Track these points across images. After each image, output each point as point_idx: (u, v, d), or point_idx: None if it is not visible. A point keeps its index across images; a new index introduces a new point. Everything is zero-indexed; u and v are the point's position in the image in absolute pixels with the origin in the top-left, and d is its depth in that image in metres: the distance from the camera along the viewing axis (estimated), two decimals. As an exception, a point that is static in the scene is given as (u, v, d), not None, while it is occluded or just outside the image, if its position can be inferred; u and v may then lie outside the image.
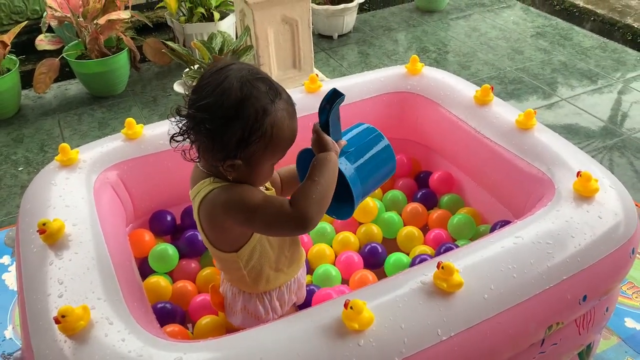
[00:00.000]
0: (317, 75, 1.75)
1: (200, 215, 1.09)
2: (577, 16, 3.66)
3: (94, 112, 2.85)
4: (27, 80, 2.89)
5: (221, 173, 1.05)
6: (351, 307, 0.98)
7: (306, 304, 1.39)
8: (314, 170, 1.05)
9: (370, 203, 1.69)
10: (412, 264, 1.52)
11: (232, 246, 1.12)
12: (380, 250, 1.59)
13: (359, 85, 1.78)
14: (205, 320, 1.38)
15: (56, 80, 3.06)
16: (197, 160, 1.08)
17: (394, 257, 1.57)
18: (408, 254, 1.61)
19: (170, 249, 1.54)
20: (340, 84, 1.82)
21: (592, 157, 2.30)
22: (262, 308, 1.20)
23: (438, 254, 1.51)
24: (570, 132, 2.55)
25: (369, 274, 1.52)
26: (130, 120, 1.53)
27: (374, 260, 1.58)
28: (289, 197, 1.05)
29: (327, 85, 1.77)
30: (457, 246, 1.53)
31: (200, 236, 1.16)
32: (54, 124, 2.77)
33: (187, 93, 1.05)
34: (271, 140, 1.01)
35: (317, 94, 1.72)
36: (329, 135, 1.09)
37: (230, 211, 1.04)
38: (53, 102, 2.95)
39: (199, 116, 0.98)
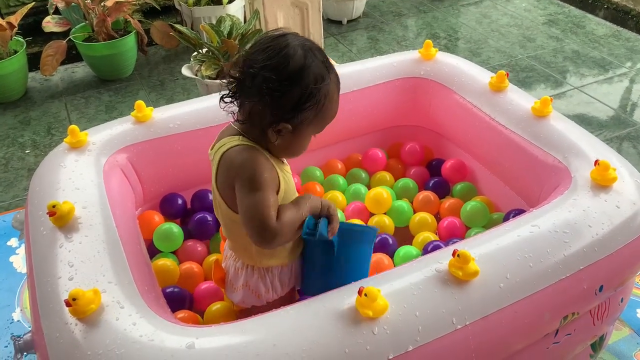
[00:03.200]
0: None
1: (219, 169, 1.10)
2: (590, 3, 3.60)
3: (101, 95, 2.83)
4: (34, 62, 2.87)
5: (260, 137, 1.06)
6: (365, 295, 0.97)
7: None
8: (302, 205, 1.10)
9: (384, 194, 1.66)
10: (425, 251, 1.50)
11: None
12: (391, 241, 1.56)
13: (370, 70, 1.76)
14: (216, 306, 1.37)
15: (63, 63, 3.04)
16: (243, 121, 1.07)
17: (403, 250, 1.54)
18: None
19: (175, 228, 1.53)
20: (352, 68, 1.79)
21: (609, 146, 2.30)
22: (262, 285, 1.19)
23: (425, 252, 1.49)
24: (582, 121, 2.52)
25: (385, 258, 1.50)
26: (140, 102, 1.51)
27: (385, 252, 1.56)
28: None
29: (338, 70, 1.73)
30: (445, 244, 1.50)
31: (213, 195, 1.15)
32: (61, 106, 2.75)
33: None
34: (321, 110, 1.05)
35: (329, 78, 1.69)
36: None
37: (238, 172, 1.06)
38: (60, 85, 2.93)
39: (263, 75, 1.00)
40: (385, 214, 1.68)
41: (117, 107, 2.72)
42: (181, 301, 1.37)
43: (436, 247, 1.46)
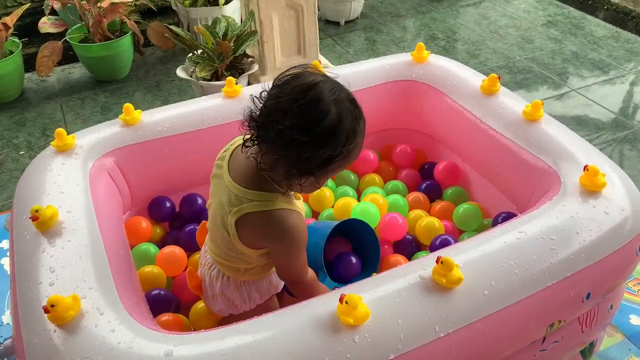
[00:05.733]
0: (320, 62, 1.71)
1: (245, 219, 1.05)
2: (590, 5, 3.58)
3: (96, 96, 2.82)
4: (30, 63, 2.86)
5: (281, 178, 1.02)
6: (346, 302, 0.96)
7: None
8: (322, 288, 1.23)
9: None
10: (432, 246, 1.50)
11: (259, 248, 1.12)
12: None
13: (362, 72, 1.74)
14: (201, 305, 1.36)
15: (60, 64, 3.05)
16: (268, 169, 1.01)
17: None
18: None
19: (153, 248, 1.52)
20: (344, 70, 1.78)
21: (602, 149, 2.29)
22: (239, 296, 1.19)
23: (433, 246, 1.48)
24: (580, 123, 2.50)
25: (401, 259, 1.51)
26: (128, 105, 1.51)
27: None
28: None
29: (329, 73, 1.72)
30: (454, 239, 1.50)
31: (217, 215, 1.11)
32: (57, 107, 2.75)
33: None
34: (348, 159, 1.02)
35: (320, 81, 1.68)
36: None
37: (277, 239, 1.07)
38: (56, 86, 2.93)
39: (292, 135, 0.93)
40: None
41: (112, 109, 2.71)
42: (166, 304, 1.36)
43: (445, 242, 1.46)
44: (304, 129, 0.94)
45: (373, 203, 1.58)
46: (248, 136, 1.03)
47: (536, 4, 3.66)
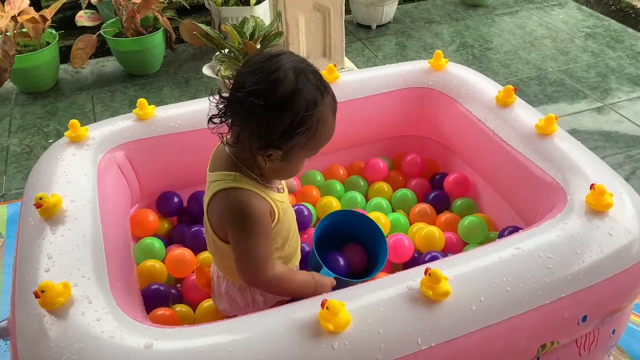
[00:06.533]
0: (335, 65, 1.71)
1: (211, 203, 1.08)
2: (633, 17, 3.47)
3: (126, 89, 2.89)
4: (66, 55, 2.96)
5: (251, 161, 1.03)
6: (327, 308, 0.95)
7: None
8: (305, 283, 1.15)
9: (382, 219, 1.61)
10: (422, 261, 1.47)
11: None
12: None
13: (378, 78, 1.74)
14: (207, 303, 1.38)
15: (96, 56, 3.14)
16: (232, 144, 1.03)
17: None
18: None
19: (157, 243, 1.52)
20: (360, 75, 1.77)
21: (630, 167, 2.21)
22: (242, 299, 1.18)
23: (422, 261, 1.45)
24: (609, 139, 2.42)
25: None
26: (142, 100, 1.54)
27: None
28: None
29: (345, 76, 1.72)
30: (443, 255, 1.47)
31: (204, 218, 1.14)
32: (88, 99, 2.83)
33: (231, 75, 1.03)
34: (314, 135, 1.00)
35: (334, 85, 1.68)
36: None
37: (230, 218, 1.04)
38: (89, 78, 3.02)
39: (252, 101, 0.95)
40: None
41: (140, 102, 2.77)
42: (164, 299, 1.38)
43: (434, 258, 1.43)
44: (262, 94, 0.95)
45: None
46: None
47: (576, 15, 3.56)
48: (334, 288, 1.19)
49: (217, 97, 1.02)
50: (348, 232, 1.46)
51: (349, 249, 1.48)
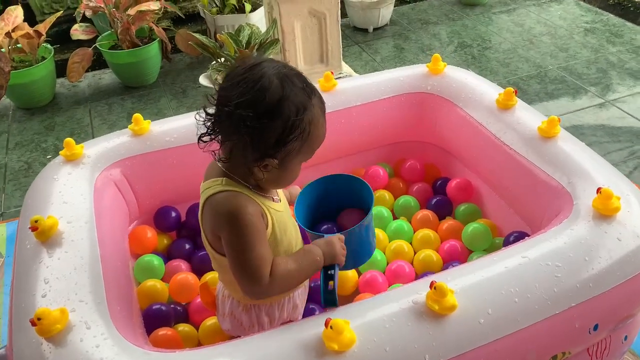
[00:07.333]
0: (332, 72, 1.69)
1: (203, 213, 1.06)
2: (631, 11, 3.44)
3: (124, 102, 2.87)
4: (63, 69, 2.94)
5: (247, 174, 1.01)
6: (331, 327, 0.93)
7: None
8: (305, 259, 1.07)
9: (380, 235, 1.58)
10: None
11: None
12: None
13: (376, 84, 1.71)
14: (211, 321, 1.35)
15: (93, 69, 3.13)
16: (225, 160, 1.01)
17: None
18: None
19: (156, 260, 1.49)
20: (358, 82, 1.75)
21: (634, 163, 2.18)
22: (247, 319, 1.15)
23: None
24: (611, 136, 2.39)
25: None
26: (137, 115, 1.52)
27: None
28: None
29: (343, 84, 1.70)
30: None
31: (201, 232, 1.11)
32: (85, 113, 2.81)
33: (215, 89, 1.01)
34: (307, 138, 0.99)
35: (332, 92, 1.66)
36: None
37: (222, 223, 1.00)
38: (86, 91, 3.00)
39: (240, 113, 0.93)
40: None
41: (138, 114, 2.75)
42: (166, 319, 1.35)
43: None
44: (249, 105, 0.93)
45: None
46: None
47: (574, 10, 3.53)
48: (347, 242, 1.13)
49: (202, 114, 0.99)
50: (328, 197, 1.38)
51: (342, 216, 1.39)
